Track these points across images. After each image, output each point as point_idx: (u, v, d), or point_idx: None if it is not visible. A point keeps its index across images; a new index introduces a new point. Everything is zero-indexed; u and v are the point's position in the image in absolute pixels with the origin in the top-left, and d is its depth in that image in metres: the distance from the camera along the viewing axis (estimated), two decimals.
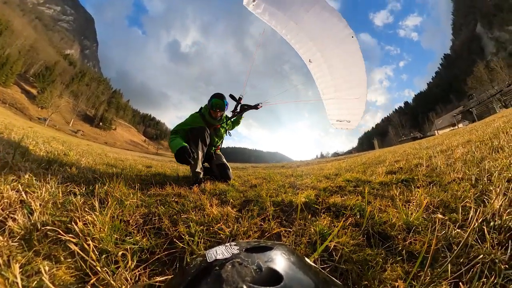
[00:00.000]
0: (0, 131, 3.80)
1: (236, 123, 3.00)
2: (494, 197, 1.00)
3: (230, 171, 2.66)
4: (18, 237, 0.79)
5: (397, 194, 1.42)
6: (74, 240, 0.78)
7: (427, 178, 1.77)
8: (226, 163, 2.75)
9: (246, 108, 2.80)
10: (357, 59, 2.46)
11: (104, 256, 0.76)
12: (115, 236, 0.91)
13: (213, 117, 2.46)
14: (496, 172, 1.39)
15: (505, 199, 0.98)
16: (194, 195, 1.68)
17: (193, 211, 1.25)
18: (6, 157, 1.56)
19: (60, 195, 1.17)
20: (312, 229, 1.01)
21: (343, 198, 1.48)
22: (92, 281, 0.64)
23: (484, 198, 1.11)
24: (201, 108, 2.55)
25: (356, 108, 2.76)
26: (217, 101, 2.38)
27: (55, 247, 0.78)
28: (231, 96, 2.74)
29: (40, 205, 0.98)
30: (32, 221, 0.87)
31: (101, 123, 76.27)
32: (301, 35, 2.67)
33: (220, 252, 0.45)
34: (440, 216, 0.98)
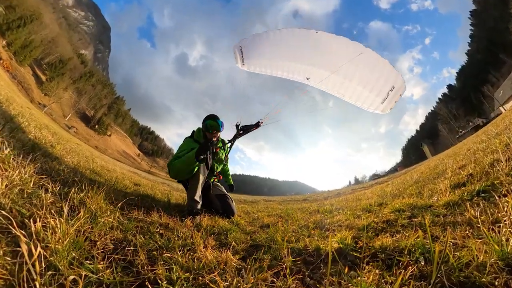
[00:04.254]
0: (0, 101, 4.59)
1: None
2: None
3: (234, 204, 2.78)
4: None
5: (476, 214, 1.26)
6: (24, 239, 0.79)
7: None
8: (228, 194, 2.89)
9: (245, 129, 3.07)
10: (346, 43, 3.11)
11: (50, 272, 0.75)
12: (73, 254, 0.90)
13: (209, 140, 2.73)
14: None
15: None
16: (186, 229, 1.67)
17: (180, 251, 1.23)
18: None
19: (31, 185, 1.26)
20: None
21: (395, 238, 1.35)
22: None
23: None
24: (193, 132, 2.93)
25: (384, 69, 3.08)
26: (212, 122, 2.83)
27: (0, 237, 0.80)
28: (237, 126, 3.07)
29: (5, 185, 1.06)
30: None
31: (97, 126, 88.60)
32: (291, 63, 3.74)
33: None
34: None
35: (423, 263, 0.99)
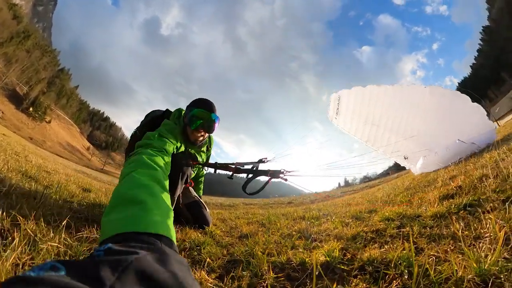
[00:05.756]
0: None
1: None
2: None
3: (207, 212, 2.59)
4: None
5: (460, 229, 1.34)
6: None
7: (499, 194, 1.70)
8: (201, 199, 2.68)
9: (254, 169, 2.14)
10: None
11: None
12: None
13: (190, 140, 2.15)
14: None
15: None
16: None
17: None
18: None
19: None
20: None
21: (383, 249, 1.38)
22: None
23: None
24: (174, 114, 2.21)
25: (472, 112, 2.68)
26: (203, 113, 2.03)
27: None
28: (261, 162, 2.23)
29: None
30: None
31: (31, 109, 76.46)
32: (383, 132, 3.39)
33: None
34: None
35: (406, 277, 1.05)
